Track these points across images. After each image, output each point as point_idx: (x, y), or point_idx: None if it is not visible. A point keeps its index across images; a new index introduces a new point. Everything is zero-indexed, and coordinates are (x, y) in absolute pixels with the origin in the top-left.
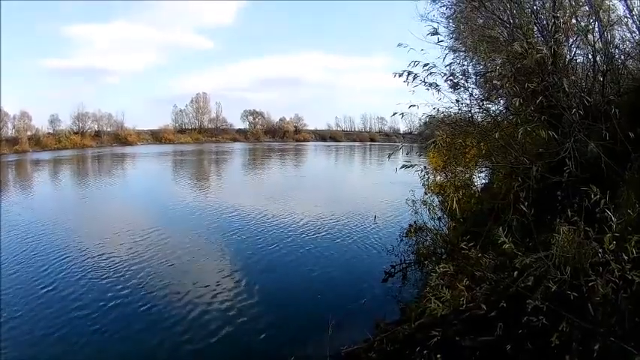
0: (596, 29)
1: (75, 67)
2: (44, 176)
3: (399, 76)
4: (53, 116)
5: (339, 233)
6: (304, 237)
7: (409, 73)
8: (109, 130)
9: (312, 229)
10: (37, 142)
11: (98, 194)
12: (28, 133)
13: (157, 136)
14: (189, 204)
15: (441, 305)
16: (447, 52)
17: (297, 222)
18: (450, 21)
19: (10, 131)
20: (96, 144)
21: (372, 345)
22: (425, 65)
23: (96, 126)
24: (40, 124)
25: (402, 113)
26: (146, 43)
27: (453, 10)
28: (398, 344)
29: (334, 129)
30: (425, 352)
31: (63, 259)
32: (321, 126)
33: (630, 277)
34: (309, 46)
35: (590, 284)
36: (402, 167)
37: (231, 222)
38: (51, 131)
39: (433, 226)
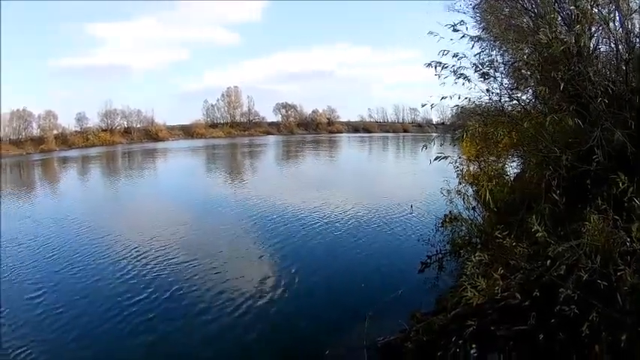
0: (617, 18)
1: (99, 66)
2: (74, 173)
3: (429, 66)
4: (80, 114)
5: (376, 223)
6: (341, 227)
7: (439, 63)
8: (138, 126)
9: (349, 220)
10: (64, 140)
11: (133, 189)
12: (54, 131)
13: (188, 131)
14: (227, 196)
15: (476, 294)
16: (475, 41)
17: (333, 213)
18: (477, 11)
19: (34, 131)
20: (126, 140)
21: (408, 335)
22: (455, 55)
23: (125, 122)
24: (66, 122)
25: (432, 104)
26: (171, 40)
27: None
28: (434, 334)
29: (367, 120)
30: (460, 341)
31: (99, 255)
32: (354, 118)
33: None
34: (340, 39)
35: (618, 273)
36: (435, 159)
37: (268, 213)
38: (78, 129)
39: (468, 215)
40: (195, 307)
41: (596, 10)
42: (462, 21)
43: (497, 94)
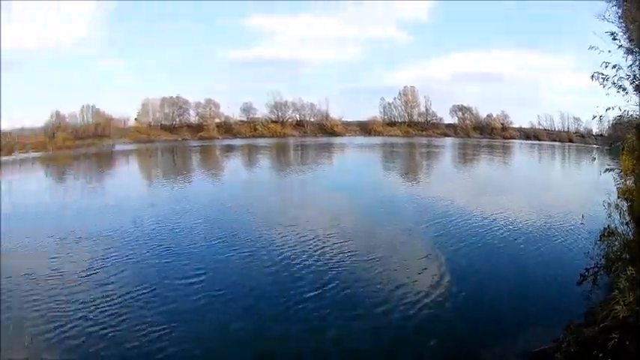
0: None
1: (269, 59)
2: (238, 161)
3: (593, 78)
4: (246, 104)
5: (548, 233)
6: (515, 234)
7: (600, 74)
8: (312, 120)
9: (522, 227)
10: (228, 129)
11: (306, 181)
12: (216, 120)
13: (364, 128)
14: (405, 195)
15: (624, 307)
16: (628, 53)
17: (509, 219)
18: (622, 20)
19: (192, 118)
20: (298, 133)
21: (560, 346)
22: (614, 67)
23: (297, 115)
24: (230, 112)
25: (601, 116)
26: (341, 37)
27: (622, 8)
28: (582, 346)
29: (537, 127)
30: (600, 355)
31: (265, 242)
32: (525, 124)
33: None
34: (507, 43)
35: None
36: (605, 171)
37: (446, 215)
38: (244, 119)
39: (622, 230)
40: (369, 306)
41: None
42: (615, 32)
43: None
